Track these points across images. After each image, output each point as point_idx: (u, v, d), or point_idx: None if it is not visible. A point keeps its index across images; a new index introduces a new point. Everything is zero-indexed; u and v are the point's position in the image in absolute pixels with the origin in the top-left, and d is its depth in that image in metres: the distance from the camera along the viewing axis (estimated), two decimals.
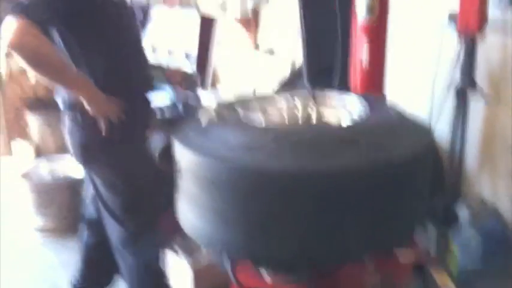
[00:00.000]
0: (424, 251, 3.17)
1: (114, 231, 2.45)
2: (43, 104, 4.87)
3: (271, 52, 4.33)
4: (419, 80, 3.45)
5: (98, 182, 2.39)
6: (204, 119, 1.79)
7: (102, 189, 2.39)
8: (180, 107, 3.08)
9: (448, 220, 3.32)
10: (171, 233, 2.86)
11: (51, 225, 3.80)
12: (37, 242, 3.77)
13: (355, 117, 1.82)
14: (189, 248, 3.02)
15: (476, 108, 3.28)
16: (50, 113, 4.71)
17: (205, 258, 2.95)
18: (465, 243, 3.09)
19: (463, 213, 3.32)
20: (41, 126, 4.71)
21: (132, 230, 2.40)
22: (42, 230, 3.81)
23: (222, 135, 1.65)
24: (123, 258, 2.49)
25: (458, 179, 3.41)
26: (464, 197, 3.44)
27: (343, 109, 2.05)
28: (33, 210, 3.80)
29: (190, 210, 1.73)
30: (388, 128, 1.68)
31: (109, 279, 2.83)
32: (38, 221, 3.81)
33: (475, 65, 3.01)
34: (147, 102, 2.48)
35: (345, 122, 1.74)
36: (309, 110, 2.05)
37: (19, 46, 1.94)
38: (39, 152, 4.72)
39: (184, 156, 1.69)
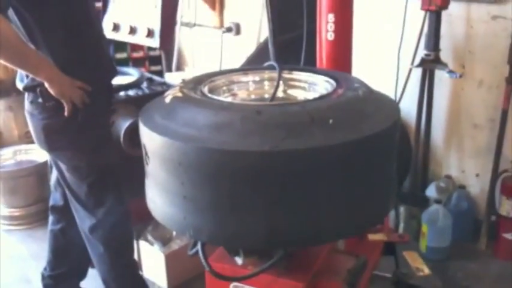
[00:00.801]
0: (394, 231, 3.21)
1: (82, 218, 2.39)
2: (4, 88, 4.73)
3: (237, 31, 4.29)
4: (383, 55, 3.45)
5: (63, 167, 2.33)
6: (169, 99, 1.75)
7: (67, 174, 2.34)
8: (145, 86, 3.02)
9: (416, 199, 3.36)
10: (142, 221, 2.83)
11: (18, 213, 3.71)
12: (3, 231, 3.67)
13: (323, 95, 1.80)
14: (160, 235, 3.00)
15: (442, 83, 3.31)
16: (12, 97, 4.59)
17: (177, 245, 2.93)
18: (434, 222, 3.13)
19: (431, 192, 3.36)
20: (2, 111, 4.57)
21: (100, 217, 2.35)
22: (9, 219, 3.71)
23: (189, 115, 1.61)
24: (93, 247, 2.44)
25: (425, 158, 3.45)
26: (432, 176, 3.49)
27: (311, 86, 2.03)
28: None
29: (158, 195, 1.69)
30: (356, 106, 1.66)
31: (82, 271, 2.78)
32: (4, 209, 3.72)
33: (439, 39, 3.02)
34: (110, 85, 2.42)
35: (313, 100, 1.72)
36: (276, 87, 2.02)
37: None
38: (2, 138, 4.59)
39: (150, 139, 1.65)
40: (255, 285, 1.85)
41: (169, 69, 4.40)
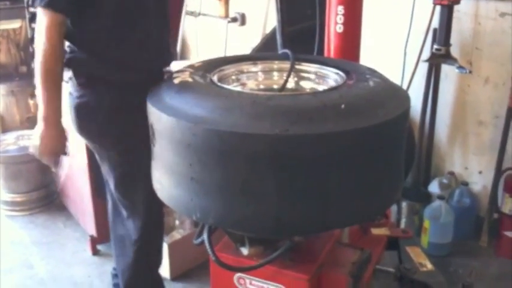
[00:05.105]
0: (397, 226, 3.20)
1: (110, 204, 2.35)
2: (6, 73, 4.71)
3: (242, 21, 4.26)
4: (389, 50, 3.44)
5: (96, 156, 2.20)
6: (178, 81, 1.73)
7: (100, 163, 2.20)
8: None
9: (419, 195, 3.36)
10: None
11: (19, 199, 3.70)
12: (5, 217, 3.66)
13: (334, 86, 1.79)
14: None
15: (448, 79, 3.30)
16: (14, 82, 4.57)
17: (180, 234, 2.92)
18: (436, 218, 3.12)
19: (433, 188, 3.36)
20: (4, 96, 4.56)
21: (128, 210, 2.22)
22: (11, 204, 3.70)
23: (198, 97, 1.60)
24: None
25: (429, 153, 3.44)
26: (435, 172, 3.48)
27: (320, 78, 2.02)
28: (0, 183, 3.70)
29: (165, 176, 1.68)
30: (368, 95, 1.65)
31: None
32: (6, 195, 3.70)
33: (450, 34, 2.99)
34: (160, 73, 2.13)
35: (324, 91, 1.71)
36: (288, 76, 2.00)
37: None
38: (4, 123, 4.58)
39: (158, 119, 1.64)
40: (260, 276, 1.85)
41: (174, 54, 4.37)
